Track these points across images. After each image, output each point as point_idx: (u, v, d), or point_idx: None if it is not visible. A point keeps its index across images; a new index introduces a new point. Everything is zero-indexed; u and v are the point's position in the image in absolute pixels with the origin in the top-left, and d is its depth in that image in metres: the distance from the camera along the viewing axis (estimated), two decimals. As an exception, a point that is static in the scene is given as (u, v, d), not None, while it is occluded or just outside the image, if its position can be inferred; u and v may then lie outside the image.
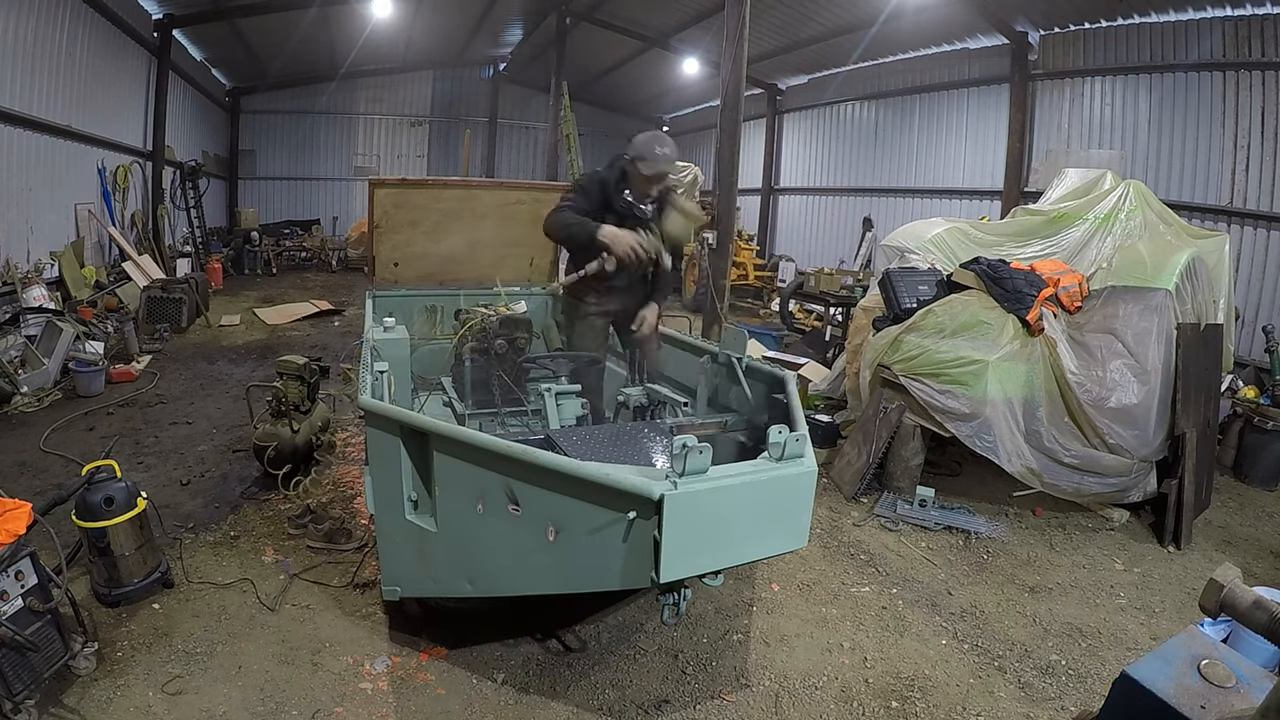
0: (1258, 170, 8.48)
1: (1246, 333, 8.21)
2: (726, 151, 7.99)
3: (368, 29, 15.04)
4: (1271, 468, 5.89)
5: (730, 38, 7.74)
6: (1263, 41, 8.27)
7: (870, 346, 5.66)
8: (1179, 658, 1.61)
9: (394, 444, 2.90)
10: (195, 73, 15.32)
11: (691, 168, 17.33)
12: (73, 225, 9.65)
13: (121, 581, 3.33)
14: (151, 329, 8.91)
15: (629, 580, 2.40)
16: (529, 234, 6.10)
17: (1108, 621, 3.81)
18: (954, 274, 5.73)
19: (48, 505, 3.16)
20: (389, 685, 2.99)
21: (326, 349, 8.68)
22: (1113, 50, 9.99)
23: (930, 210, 12.98)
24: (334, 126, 20.06)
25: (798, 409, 3.08)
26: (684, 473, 2.23)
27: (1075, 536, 4.80)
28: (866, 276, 10.11)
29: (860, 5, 12.02)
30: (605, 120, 23.00)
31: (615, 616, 3.57)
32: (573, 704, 2.96)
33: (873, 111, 14.80)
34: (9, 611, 2.58)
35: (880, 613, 3.79)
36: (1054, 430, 4.90)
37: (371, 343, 4.01)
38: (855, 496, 5.14)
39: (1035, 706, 3.11)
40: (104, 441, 5.29)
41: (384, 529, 3.10)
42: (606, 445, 3.30)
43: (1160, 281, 5.04)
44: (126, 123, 11.62)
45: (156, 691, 2.84)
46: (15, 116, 8.04)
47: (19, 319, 7.14)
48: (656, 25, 15.85)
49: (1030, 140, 11.31)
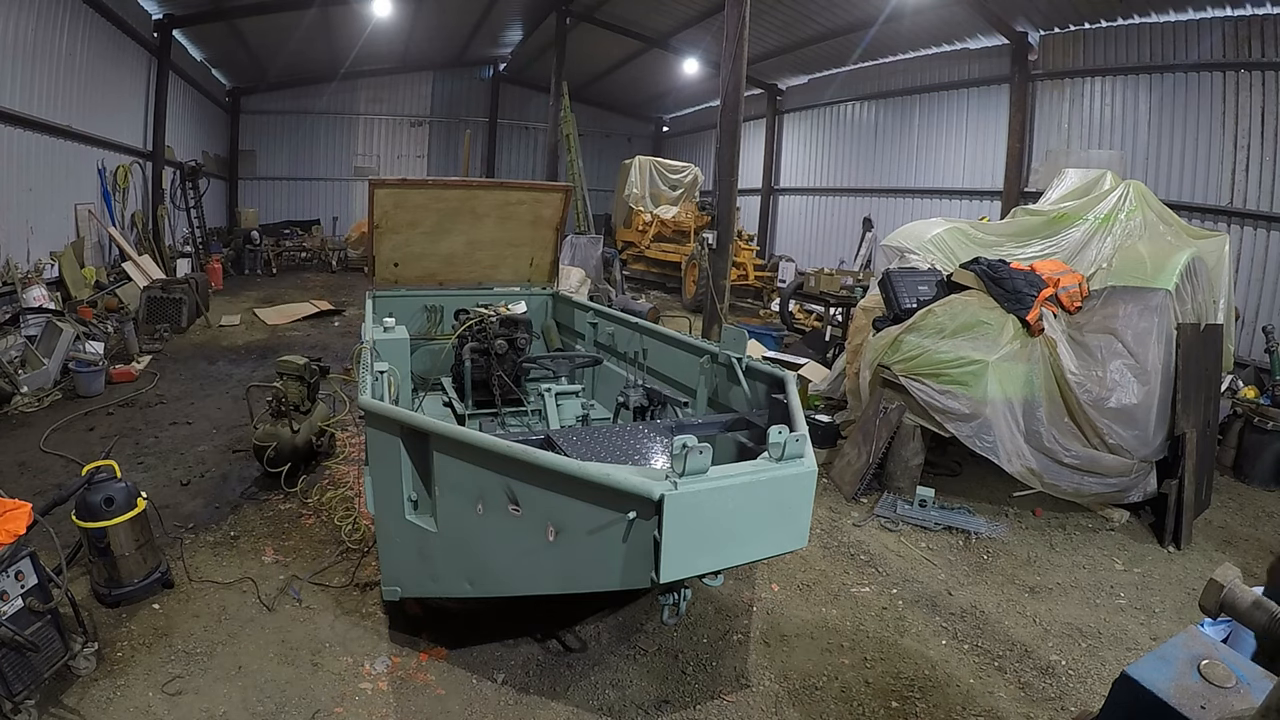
0: (1258, 170, 8.48)
1: (1246, 333, 8.21)
2: (726, 151, 7.99)
3: (368, 29, 15.06)
4: (1271, 468, 5.89)
5: (730, 38, 7.74)
6: (1263, 41, 8.28)
7: (870, 346, 5.66)
8: (1179, 658, 1.60)
9: (394, 444, 2.90)
10: (195, 73, 15.33)
11: (691, 168, 17.37)
12: (73, 225, 9.65)
13: (121, 581, 3.34)
14: (151, 329, 8.91)
15: (629, 580, 2.40)
16: (529, 234, 6.11)
17: (1108, 621, 3.81)
18: (954, 274, 5.73)
19: (48, 505, 3.16)
20: (389, 685, 2.99)
21: (326, 349, 8.68)
22: (1113, 50, 10.00)
23: (930, 210, 12.98)
24: (334, 127, 20.07)
25: (798, 409, 3.08)
26: (684, 473, 2.23)
27: (1075, 537, 4.80)
28: (866, 277, 10.10)
29: (860, 5, 12.03)
30: (605, 120, 23.03)
31: (615, 616, 3.57)
32: (573, 704, 2.96)
33: (873, 111, 14.80)
34: (9, 611, 2.58)
35: (880, 613, 3.79)
36: (1054, 430, 4.90)
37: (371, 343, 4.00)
38: (855, 496, 5.13)
39: (1035, 706, 3.11)
40: (104, 441, 5.30)
41: (384, 529, 3.10)
42: (606, 445, 3.31)
43: (1160, 282, 5.04)
44: (126, 123, 11.63)
45: (156, 691, 2.84)
46: (15, 116, 8.05)
47: (19, 319, 7.15)
48: (656, 25, 15.86)
49: (1030, 140, 11.31)
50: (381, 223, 5.48)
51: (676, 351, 4.60)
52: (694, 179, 17.15)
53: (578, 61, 17.85)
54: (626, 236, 16.83)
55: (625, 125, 23.71)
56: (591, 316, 5.78)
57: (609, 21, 16.04)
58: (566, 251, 11.56)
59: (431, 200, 5.54)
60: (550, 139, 16.83)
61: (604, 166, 21.80)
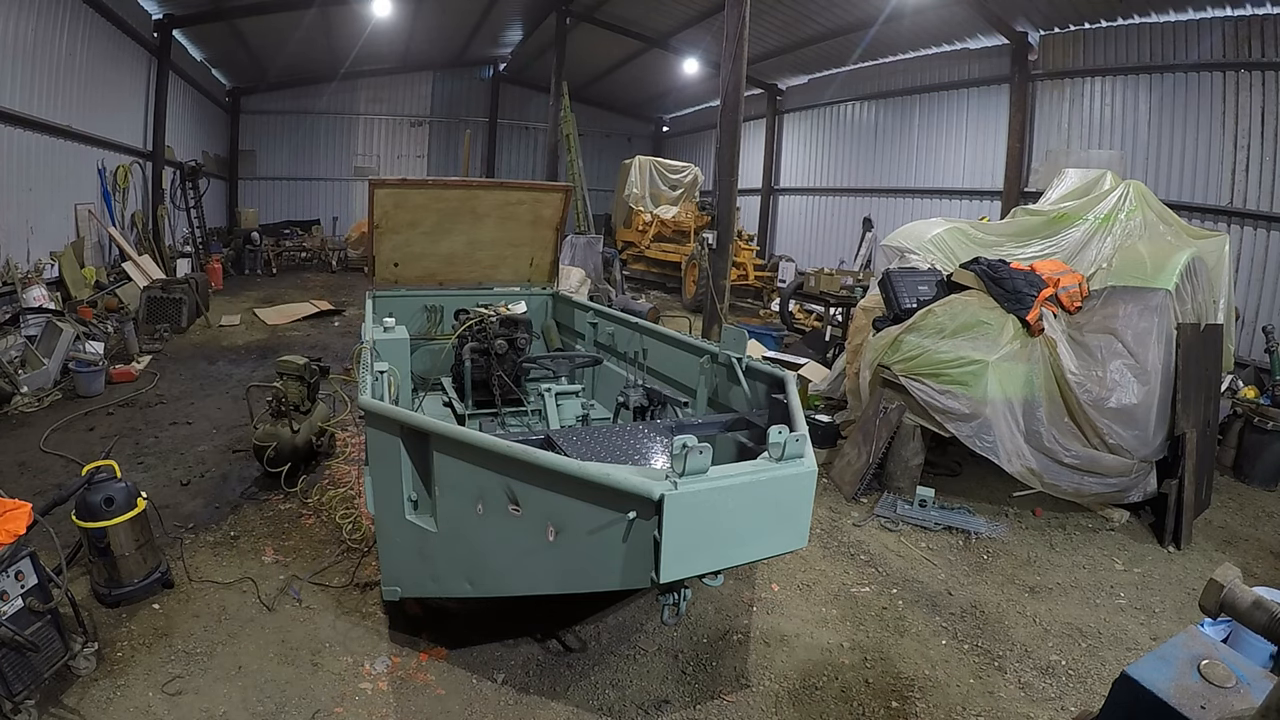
0: (1258, 170, 8.48)
1: (1246, 333, 8.21)
2: (726, 151, 8.00)
3: (368, 29, 15.05)
4: (1271, 468, 5.89)
5: (730, 38, 7.74)
6: (1263, 41, 8.28)
7: (870, 346, 5.66)
8: (1179, 658, 1.61)
9: (394, 444, 2.90)
10: (195, 73, 15.32)
11: (691, 168, 17.37)
12: (73, 225, 9.65)
13: (121, 581, 3.34)
14: (151, 329, 8.91)
15: (629, 580, 2.40)
16: (529, 234, 6.10)
17: (1108, 621, 3.81)
18: (954, 274, 5.73)
19: (48, 505, 3.16)
20: (389, 685, 2.99)
21: (326, 349, 8.68)
22: (1113, 50, 10.00)
23: (930, 210, 12.98)
24: (334, 126, 20.08)
25: (798, 409, 3.07)
26: (684, 473, 2.23)
27: (1075, 537, 4.80)
28: (866, 277, 10.10)
29: (860, 5, 12.03)
30: (605, 120, 23.03)
31: (615, 616, 3.57)
32: (573, 704, 2.96)
33: (873, 112, 14.80)
34: (9, 611, 2.58)
35: (880, 613, 3.79)
36: (1054, 430, 4.90)
37: (371, 343, 4.00)
38: (855, 497, 5.13)
39: (1035, 706, 3.11)
40: (104, 441, 5.30)
41: (384, 529, 3.10)
42: (606, 445, 3.30)
43: (1160, 282, 5.04)
44: (126, 123, 11.63)
45: (156, 691, 2.84)
46: (15, 116, 8.05)
47: (19, 319, 7.15)
48: (656, 25, 15.86)
49: (1030, 140, 11.31)
50: (381, 223, 5.48)
51: (676, 351, 4.60)
52: (694, 179, 17.15)
53: (578, 61, 17.85)
54: (626, 236, 16.83)
55: (625, 125, 23.72)
56: (591, 316, 5.78)
57: (609, 21, 16.04)
58: (566, 251, 11.56)
59: (431, 200, 5.54)
60: (550, 139, 16.83)
61: (604, 166, 21.81)
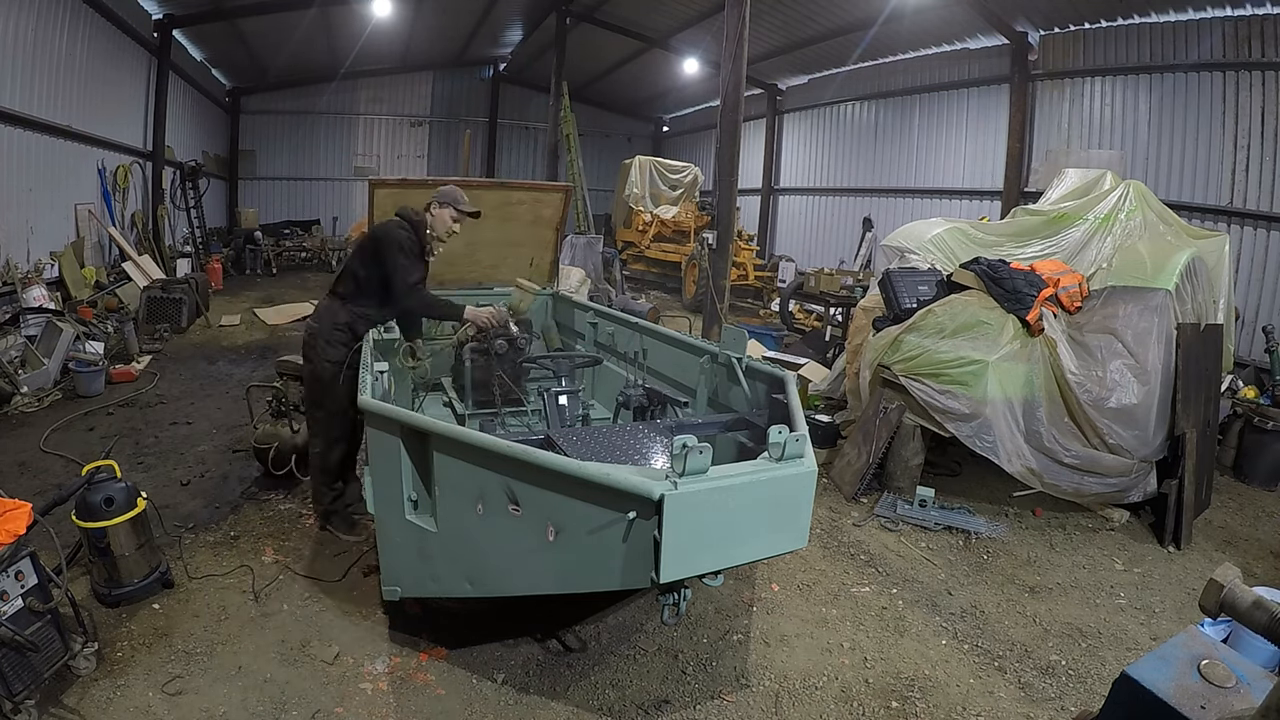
0: (1258, 170, 8.48)
1: (1246, 333, 8.21)
2: (726, 151, 7.99)
3: (368, 29, 15.05)
4: (1271, 468, 5.89)
5: (730, 38, 7.74)
6: (1263, 41, 8.28)
7: (870, 346, 5.66)
8: (1179, 658, 1.60)
9: (394, 444, 2.90)
10: (195, 73, 15.32)
11: (691, 168, 17.37)
12: (73, 225, 9.65)
13: (121, 581, 3.34)
14: (151, 329, 8.91)
15: (629, 580, 2.40)
16: (529, 234, 6.11)
17: (1108, 621, 3.81)
18: (954, 274, 5.73)
19: (48, 505, 3.15)
20: (389, 685, 2.99)
21: (326, 349, 8.66)
22: (1113, 50, 10.00)
23: (930, 210, 12.98)
24: (334, 127, 20.06)
25: (798, 409, 3.07)
26: (684, 473, 2.23)
27: (1075, 537, 4.80)
28: (866, 277, 10.10)
29: (860, 5, 12.03)
30: (605, 120, 23.03)
31: (615, 616, 3.57)
32: (573, 704, 2.96)
33: (873, 111, 14.80)
34: (9, 611, 2.58)
35: (880, 613, 3.79)
36: (1054, 430, 4.89)
37: (371, 343, 4.00)
38: (855, 496, 5.13)
39: (1035, 707, 3.11)
40: (104, 441, 5.30)
41: (384, 529, 3.10)
42: (606, 445, 3.30)
43: (1160, 282, 5.04)
44: (126, 123, 11.63)
45: (156, 691, 2.84)
46: (15, 116, 8.04)
47: (19, 319, 7.14)
48: (656, 25, 15.86)
49: (1030, 140, 11.31)
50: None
51: (676, 351, 4.60)
52: (694, 179, 17.15)
53: (578, 61, 17.84)
54: (626, 236, 16.83)
55: (625, 125, 23.71)
56: (591, 316, 5.78)
57: (609, 21, 16.04)
58: (566, 251, 11.56)
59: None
60: (550, 139, 16.82)
61: (604, 166, 21.79)
